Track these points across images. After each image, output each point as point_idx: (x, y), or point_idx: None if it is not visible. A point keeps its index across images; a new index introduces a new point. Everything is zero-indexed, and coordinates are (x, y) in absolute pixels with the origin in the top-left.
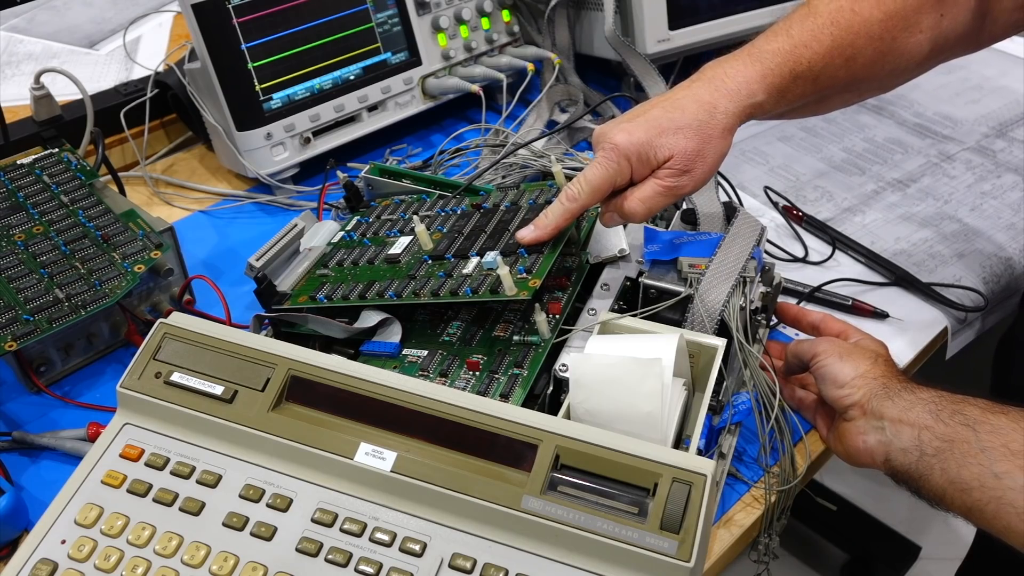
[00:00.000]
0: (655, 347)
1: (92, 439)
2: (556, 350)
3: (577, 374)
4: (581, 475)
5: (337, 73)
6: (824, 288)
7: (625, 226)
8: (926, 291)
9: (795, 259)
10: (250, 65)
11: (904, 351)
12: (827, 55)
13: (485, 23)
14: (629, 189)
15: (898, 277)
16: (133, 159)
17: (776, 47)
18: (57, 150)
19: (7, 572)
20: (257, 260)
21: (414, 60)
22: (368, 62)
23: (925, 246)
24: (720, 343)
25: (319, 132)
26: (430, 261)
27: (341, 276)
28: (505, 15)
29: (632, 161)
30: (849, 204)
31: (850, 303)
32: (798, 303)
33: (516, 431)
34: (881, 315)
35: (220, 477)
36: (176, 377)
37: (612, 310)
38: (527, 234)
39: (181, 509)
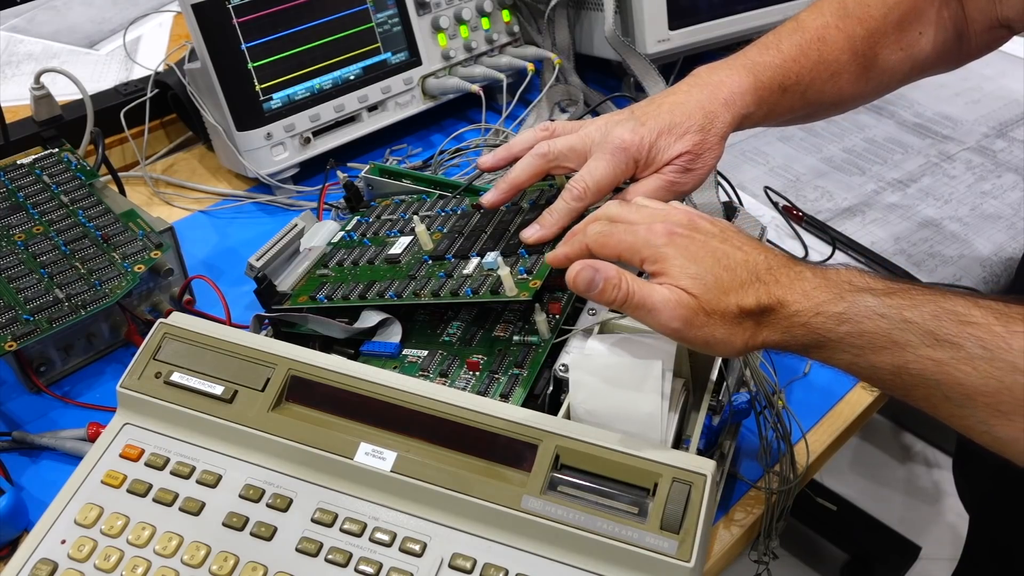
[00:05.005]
0: (655, 347)
1: (92, 439)
2: (556, 350)
3: (577, 374)
4: (581, 475)
5: (337, 73)
6: None
7: None
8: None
9: None
10: (250, 65)
11: None
12: (814, 69)
13: (485, 23)
14: (632, 185)
15: (898, 277)
16: (133, 159)
17: (768, 60)
18: (57, 150)
19: (7, 572)
20: (257, 260)
21: (414, 60)
22: (368, 62)
23: (925, 246)
24: None
25: (319, 132)
26: (430, 261)
27: (341, 276)
28: (505, 15)
29: (639, 161)
30: (849, 204)
31: None
32: None
33: (516, 431)
34: None
35: (220, 477)
36: (176, 377)
37: (612, 310)
38: (532, 233)
39: (181, 509)
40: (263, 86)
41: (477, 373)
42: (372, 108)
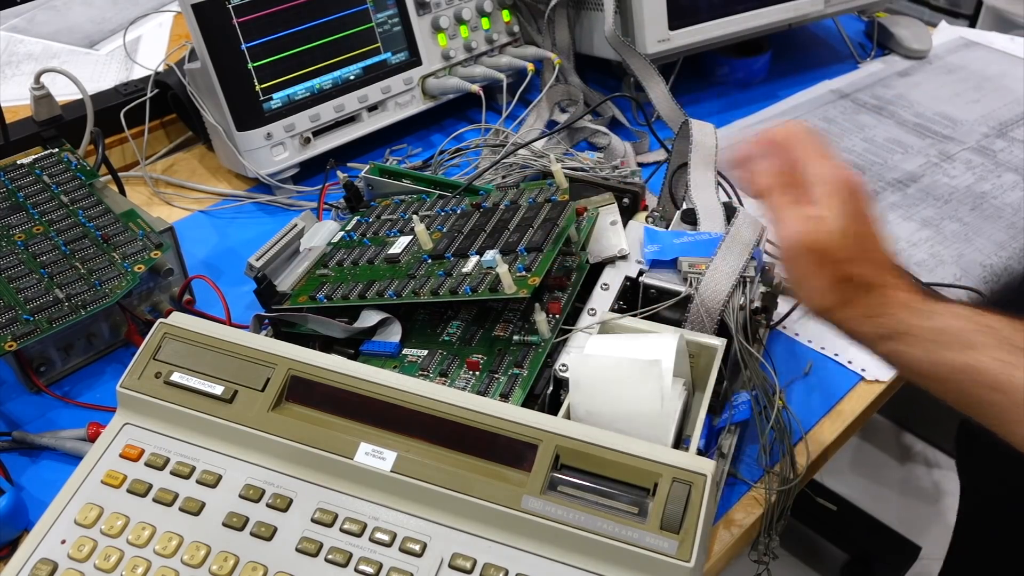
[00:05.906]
0: (655, 347)
1: (92, 439)
2: (556, 350)
3: (577, 374)
4: (581, 475)
5: (337, 73)
6: None
7: (625, 226)
8: (926, 291)
9: None
10: (250, 65)
11: None
12: None
13: (485, 23)
14: None
15: None
16: (133, 159)
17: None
18: (57, 150)
19: (7, 572)
20: (257, 260)
21: (414, 60)
22: (368, 62)
23: (925, 246)
24: (720, 343)
25: (319, 132)
26: (430, 260)
27: (341, 276)
28: (505, 15)
29: None
30: None
31: None
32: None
33: (516, 431)
34: None
35: (220, 477)
36: (176, 377)
37: (612, 310)
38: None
39: (181, 509)
40: (263, 86)
41: (477, 373)
42: (372, 108)
